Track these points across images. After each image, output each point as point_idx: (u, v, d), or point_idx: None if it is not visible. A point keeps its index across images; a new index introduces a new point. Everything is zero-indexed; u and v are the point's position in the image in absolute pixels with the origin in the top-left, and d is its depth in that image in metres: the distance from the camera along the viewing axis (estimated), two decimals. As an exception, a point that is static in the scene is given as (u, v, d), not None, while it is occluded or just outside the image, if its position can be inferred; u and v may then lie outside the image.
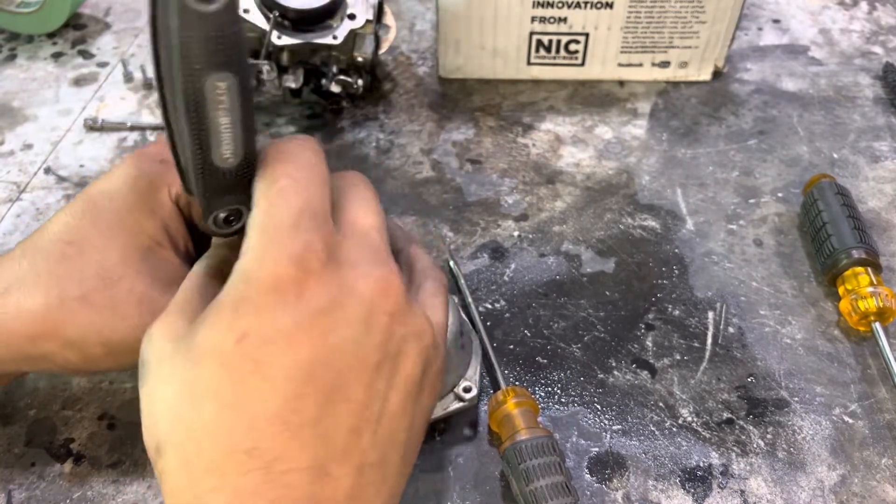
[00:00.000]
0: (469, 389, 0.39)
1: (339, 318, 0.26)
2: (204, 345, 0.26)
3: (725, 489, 0.37)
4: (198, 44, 0.23)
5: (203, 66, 0.24)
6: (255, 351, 0.25)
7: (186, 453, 0.25)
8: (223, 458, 0.25)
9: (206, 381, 0.25)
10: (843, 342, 0.44)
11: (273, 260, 0.26)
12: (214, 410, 0.25)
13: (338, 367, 0.26)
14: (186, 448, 0.25)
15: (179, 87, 0.24)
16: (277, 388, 0.25)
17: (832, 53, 0.64)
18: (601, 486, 0.38)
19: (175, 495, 0.25)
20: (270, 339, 0.25)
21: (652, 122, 0.58)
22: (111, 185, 0.34)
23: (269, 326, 0.25)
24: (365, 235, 0.29)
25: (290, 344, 0.25)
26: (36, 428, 0.40)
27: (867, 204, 0.51)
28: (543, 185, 0.53)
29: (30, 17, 0.64)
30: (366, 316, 0.27)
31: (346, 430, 0.26)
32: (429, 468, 0.38)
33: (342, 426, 0.26)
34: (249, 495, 0.24)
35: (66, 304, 0.32)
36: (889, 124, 0.58)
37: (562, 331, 0.44)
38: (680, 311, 0.45)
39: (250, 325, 0.25)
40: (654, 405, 0.41)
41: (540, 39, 0.58)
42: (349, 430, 0.26)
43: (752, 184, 0.53)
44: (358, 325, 0.27)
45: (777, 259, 0.48)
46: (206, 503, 0.25)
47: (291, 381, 0.25)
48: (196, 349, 0.26)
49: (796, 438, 0.39)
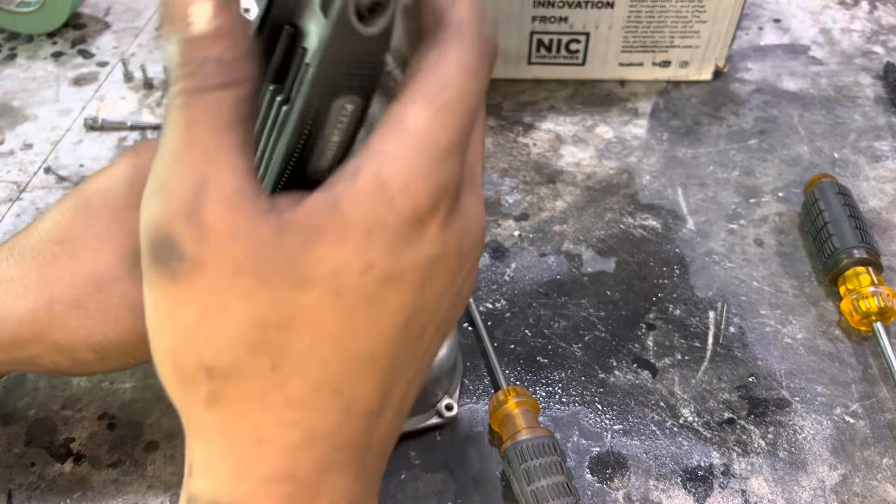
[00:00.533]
0: (451, 407, 0.39)
1: (443, 268, 0.23)
2: (319, 267, 0.21)
3: (726, 489, 0.37)
4: (344, 63, 0.21)
5: (339, 87, 0.22)
6: (375, 287, 0.22)
7: (264, 383, 0.22)
8: (308, 393, 0.22)
9: (309, 308, 0.21)
10: (844, 342, 0.44)
11: (422, 185, 0.21)
12: (310, 343, 0.22)
13: (425, 320, 0.24)
14: (266, 377, 0.22)
15: (302, 101, 0.22)
16: (382, 331, 0.23)
17: (833, 53, 0.64)
18: (602, 486, 0.38)
19: (229, 426, 0.22)
20: (393, 278, 0.22)
21: (653, 121, 0.58)
22: (106, 184, 0.33)
23: (396, 264, 0.22)
24: (474, 174, 0.25)
25: (405, 286, 0.22)
26: (36, 428, 0.40)
27: (868, 204, 0.51)
28: (544, 184, 0.53)
29: (30, 16, 0.64)
30: (457, 270, 0.24)
31: (407, 381, 0.25)
32: (429, 468, 0.38)
33: (407, 375, 0.25)
34: (322, 437, 0.23)
35: (56, 309, 0.31)
36: (890, 124, 0.57)
37: (562, 330, 0.44)
38: (681, 310, 0.45)
39: (379, 258, 0.22)
40: (655, 405, 0.41)
41: (541, 39, 0.58)
42: (408, 382, 0.25)
43: (752, 183, 0.53)
44: (452, 277, 0.24)
45: (778, 259, 0.48)
46: (271, 437, 0.22)
47: (393, 326, 0.23)
48: (303, 269, 0.21)
49: (797, 438, 0.39)
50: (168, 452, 0.39)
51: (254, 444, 0.22)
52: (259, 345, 0.22)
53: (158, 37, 0.66)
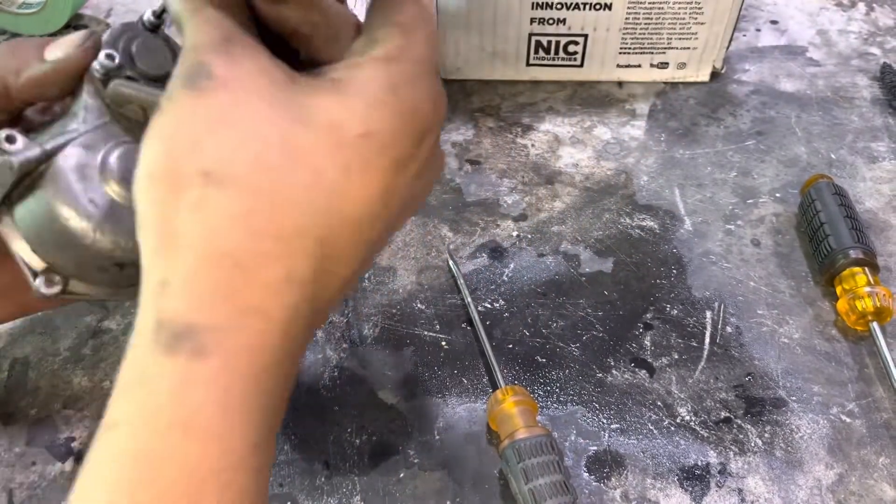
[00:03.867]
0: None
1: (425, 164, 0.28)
2: (320, 114, 0.24)
3: (723, 488, 0.38)
4: None
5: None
6: (371, 154, 0.25)
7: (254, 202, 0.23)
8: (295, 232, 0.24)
9: (308, 147, 0.24)
10: (841, 341, 0.44)
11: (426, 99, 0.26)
12: (307, 184, 0.24)
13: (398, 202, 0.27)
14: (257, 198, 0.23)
15: None
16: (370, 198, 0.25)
17: (830, 54, 0.65)
18: (599, 485, 0.38)
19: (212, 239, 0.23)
20: (390, 152, 0.25)
21: (650, 122, 0.58)
22: None
23: (395, 142, 0.25)
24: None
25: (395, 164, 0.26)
26: (37, 427, 0.40)
27: (865, 204, 0.51)
28: (542, 185, 0.53)
29: (31, 18, 0.65)
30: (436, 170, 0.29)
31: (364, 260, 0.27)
32: (428, 468, 0.38)
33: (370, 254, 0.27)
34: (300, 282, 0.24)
35: None
36: (886, 125, 0.58)
37: (560, 330, 0.44)
38: (678, 310, 0.45)
39: (381, 127, 0.25)
40: (653, 404, 0.41)
41: (539, 41, 0.58)
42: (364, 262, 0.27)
43: (750, 184, 0.53)
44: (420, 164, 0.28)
45: (775, 259, 0.48)
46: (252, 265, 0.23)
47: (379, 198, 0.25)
48: (307, 110, 0.24)
49: (794, 437, 0.40)
50: (168, 451, 0.39)
51: (234, 268, 0.23)
52: (258, 163, 0.23)
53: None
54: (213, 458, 0.22)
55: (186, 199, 0.23)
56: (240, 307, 0.23)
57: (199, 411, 0.22)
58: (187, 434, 0.22)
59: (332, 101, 0.25)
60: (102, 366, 0.42)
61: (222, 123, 0.24)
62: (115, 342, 0.44)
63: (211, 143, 0.23)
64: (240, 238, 0.23)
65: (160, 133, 0.24)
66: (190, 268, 0.23)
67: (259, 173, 0.23)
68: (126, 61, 0.29)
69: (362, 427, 0.40)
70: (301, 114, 0.24)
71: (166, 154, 0.24)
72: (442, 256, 0.48)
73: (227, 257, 0.23)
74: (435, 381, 0.42)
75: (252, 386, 0.23)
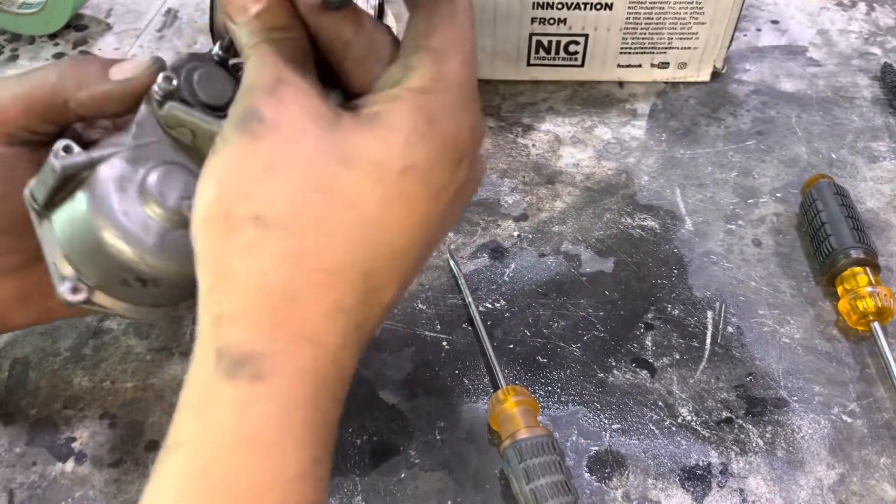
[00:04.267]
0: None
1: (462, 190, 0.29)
2: (364, 156, 0.26)
3: (724, 488, 0.38)
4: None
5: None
6: (407, 185, 0.26)
7: (304, 241, 0.25)
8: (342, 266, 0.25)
9: (352, 185, 0.26)
10: (842, 342, 0.44)
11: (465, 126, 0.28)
12: (351, 220, 0.25)
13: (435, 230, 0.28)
14: (306, 237, 0.25)
15: None
16: (411, 230, 0.27)
17: (830, 54, 0.65)
18: (601, 485, 0.38)
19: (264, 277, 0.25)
20: (429, 184, 0.26)
21: (651, 122, 0.58)
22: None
23: (433, 173, 0.27)
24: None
25: (438, 194, 0.27)
26: (37, 427, 0.40)
27: (865, 204, 0.51)
28: (543, 185, 0.53)
29: (31, 18, 0.64)
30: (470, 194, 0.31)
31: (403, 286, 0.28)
32: (429, 468, 0.38)
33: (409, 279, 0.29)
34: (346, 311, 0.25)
35: None
36: (887, 125, 0.58)
37: (561, 330, 0.44)
38: (679, 310, 0.45)
39: (419, 160, 0.26)
40: (654, 404, 0.41)
41: (539, 40, 0.58)
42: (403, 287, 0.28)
43: (750, 184, 0.53)
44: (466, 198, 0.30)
45: (776, 259, 0.48)
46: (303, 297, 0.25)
47: (419, 229, 0.27)
48: (351, 150, 0.26)
49: (795, 437, 0.40)
50: (169, 452, 0.39)
51: (286, 301, 0.25)
52: (304, 205, 0.25)
53: (160, 38, 0.66)
54: (277, 471, 0.23)
55: (238, 242, 0.25)
56: (292, 335, 0.25)
57: (263, 428, 0.24)
58: (253, 449, 0.23)
59: (372, 139, 0.26)
60: (103, 366, 0.42)
61: (271, 168, 0.25)
62: (115, 342, 0.43)
63: (260, 187, 0.25)
64: (289, 275, 0.25)
65: (214, 177, 0.26)
66: (244, 302, 0.25)
67: (305, 215, 0.25)
68: (186, 87, 0.31)
69: (363, 427, 0.40)
70: (345, 154, 0.26)
71: (219, 199, 0.25)
72: (443, 256, 0.48)
73: (276, 293, 0.25)
74: (436, 381, 0.42)
75: (309, 405, 0.25)
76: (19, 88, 0.32)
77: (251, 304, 0.25)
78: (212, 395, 0.24)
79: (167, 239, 0.30)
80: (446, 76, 0.27)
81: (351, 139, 0.26)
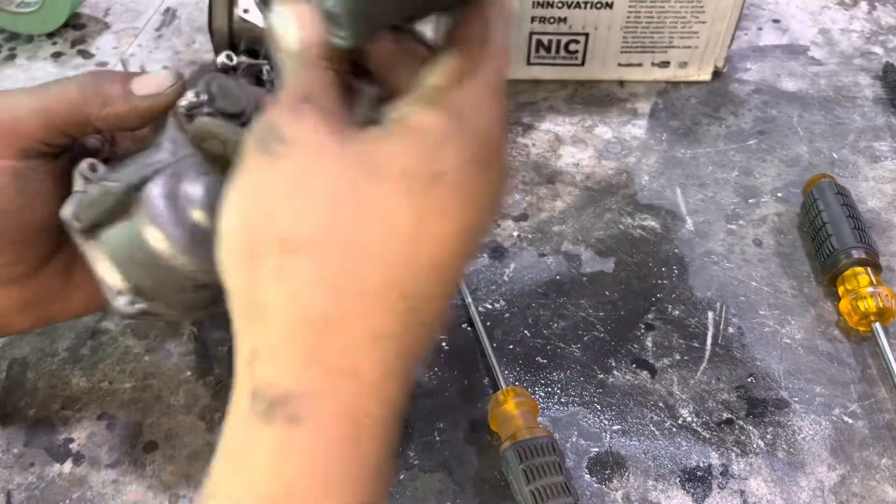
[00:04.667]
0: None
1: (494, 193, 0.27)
2: (391, 166, 0.24)
3: (725, 489, 0.37)
4: None
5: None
6: (438, 194, 0.24)
7: (335, 265, 0.23)
8: (378, 290, 0.24)
9: (382, 199, 0.24)
10: (843, 342, 0.44)
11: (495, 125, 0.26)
12: (383, 237, 0.24)
13: (472, 237, 0.26)
14: (337, 260, 0.23)
15: None
16: (447, 242, 0.25)
17: (832, 53, 0.64)
18: (601, 487, 0.38)
19: (296, 305, 0.23)
20: (461, 189, 0.25)
21: (652, 121, 0.58)
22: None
23: (466, 179, 0.25)
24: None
25: (469, 201, 0.25)
26: (35, 428, 0.40)
27: (867, 204, 0.51)
28: (543, 184, 0.53)
29: (30, 16, 0.64)
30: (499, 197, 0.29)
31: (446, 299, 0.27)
32: (429, 468, 0.38)
33: (451, 292, 0.27)
34: (385, 337, 0.24)
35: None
36: (889, 124, 0.58)
37: (561, 331, 0.44)
38: (680, 311, 0.45)
39: (452, 167, 0.25)
40: (654, 405, 0.41)
41: (540, 39, 0.58)
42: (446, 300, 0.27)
43: (751, 184, 0.53)
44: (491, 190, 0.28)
45: (777, 259, 0.48)
46: (337, 326, 0.23)
47: (456, 240, 0.25)
48: (377, 162, 0.24)
49: (796, 438, 0.39)
50: (167, 452, 0.39)
51: (321, 330, 0.23)
52: (332, 224, 0.23)
53: (159, 37, 0.66)
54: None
55: (267, 269, 0.24)
56: (329, 370, 0.23)
57: (295, 482, 0.22)
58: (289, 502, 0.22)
59: (399, 147, 0.25)
60: (101, 366, 0.42)
61: (294, 189, 0.24)
62: (113, 343, 0.43)
63: (284, 210, 0.24)
64: (322, 301, 0.23)
65: (236, 204, 0.25)
66: (277, 336, 0.23)
67: (333, 234, 0.23)
68: (209, 99, 0.32)
69: (362, 428, 0.40)
70: (371, 166, 0.24)
71: (242, 227, 0.24)
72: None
73: (311, 322, 0.23)
74: (436, 381, 0.42)
75: (351, 448, 0.23)
76: (37, 102, 0.32)
77: (284, 336, 0.23)
78: (247, 441, 0.23)
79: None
80: (475, 74, 0.26)
81: (377, 148, 0.25)
